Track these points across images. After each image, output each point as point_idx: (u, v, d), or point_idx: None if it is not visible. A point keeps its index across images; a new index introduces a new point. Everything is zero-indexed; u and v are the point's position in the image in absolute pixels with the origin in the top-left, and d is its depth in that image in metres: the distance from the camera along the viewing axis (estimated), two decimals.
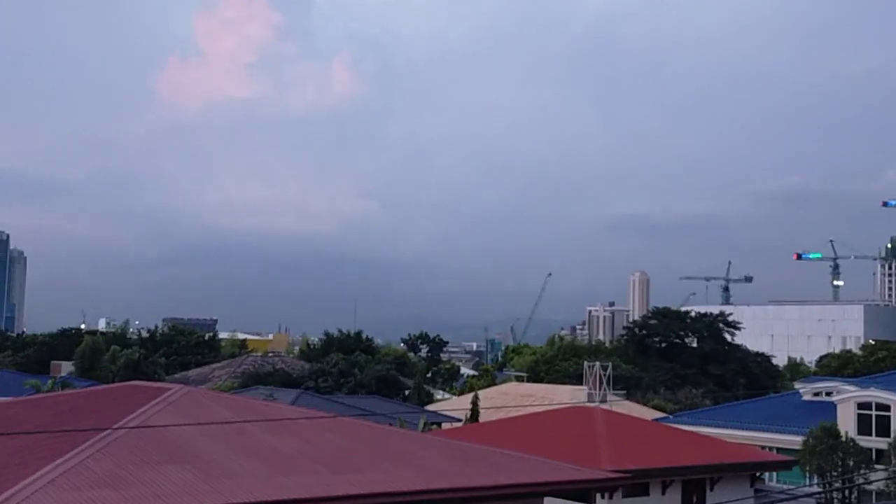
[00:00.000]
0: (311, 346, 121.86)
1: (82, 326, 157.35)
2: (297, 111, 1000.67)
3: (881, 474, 41.02)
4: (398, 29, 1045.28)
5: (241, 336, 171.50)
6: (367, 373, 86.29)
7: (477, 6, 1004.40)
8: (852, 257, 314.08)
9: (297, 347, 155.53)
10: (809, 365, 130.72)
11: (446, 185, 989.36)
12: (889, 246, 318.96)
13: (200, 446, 18.63)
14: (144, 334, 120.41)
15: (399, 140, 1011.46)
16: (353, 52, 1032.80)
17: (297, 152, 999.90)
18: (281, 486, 17.35)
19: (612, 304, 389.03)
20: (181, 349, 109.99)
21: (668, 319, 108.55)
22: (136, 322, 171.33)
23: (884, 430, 48.18)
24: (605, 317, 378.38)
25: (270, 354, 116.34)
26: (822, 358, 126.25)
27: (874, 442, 47.68)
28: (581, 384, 68.81)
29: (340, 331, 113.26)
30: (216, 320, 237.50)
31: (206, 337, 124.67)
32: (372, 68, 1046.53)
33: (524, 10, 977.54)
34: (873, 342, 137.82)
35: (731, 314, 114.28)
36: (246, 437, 19.66)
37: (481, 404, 59.94)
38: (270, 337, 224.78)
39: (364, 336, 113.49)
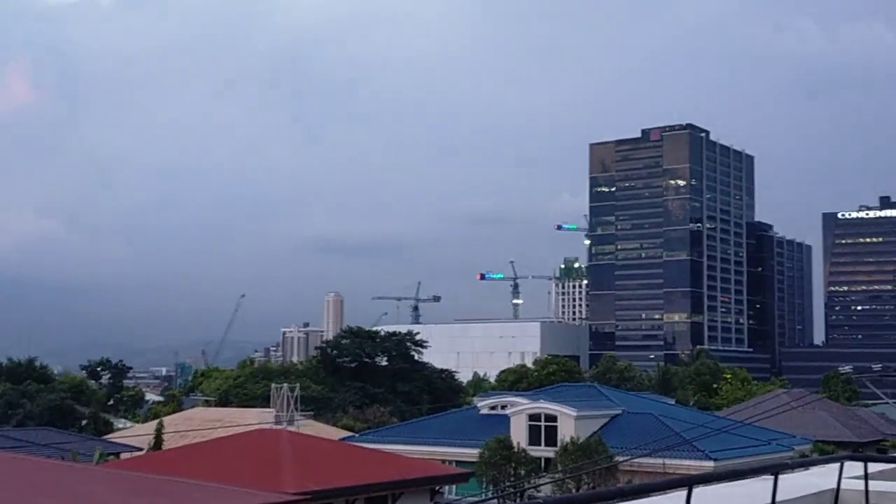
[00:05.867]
0: None
1: None
2: None
3: (547, 479, 43.98)
4: (80, 39, 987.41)
5: None
6: (38, 403, 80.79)
7: (166, 20, 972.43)
8: (530, 277, 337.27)
9: None
10: (491, 380, 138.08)
11: (135, 203, 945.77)
12: (562, 266, 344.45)
13: None
14: None
15: (84, 155, 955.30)
16: (32, 60, 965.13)
17: None
18: None
19: (306, 324, 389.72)
20: None
21: (359, 339, 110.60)
22: None
23: (551, 440, 51.66)
24: (299, 338, 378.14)
25: None
26: (501, 373, 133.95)
27: (543, 451, 51.03)
28: (270, 406, 68.28)
29: (10, 359, 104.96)
30: None
31: None
32: (53, 78, 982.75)
33: (212, 27, 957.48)
34: (548, 357, 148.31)
35: (419, 333, 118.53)
36: None
37: (166, 431, 57.78)
38: None
39: (38, 364, 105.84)
